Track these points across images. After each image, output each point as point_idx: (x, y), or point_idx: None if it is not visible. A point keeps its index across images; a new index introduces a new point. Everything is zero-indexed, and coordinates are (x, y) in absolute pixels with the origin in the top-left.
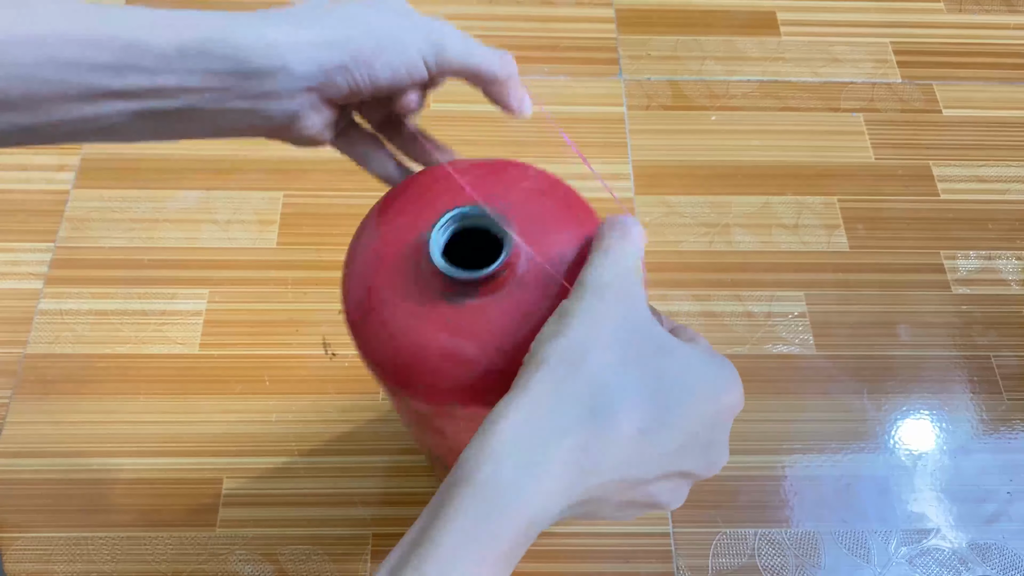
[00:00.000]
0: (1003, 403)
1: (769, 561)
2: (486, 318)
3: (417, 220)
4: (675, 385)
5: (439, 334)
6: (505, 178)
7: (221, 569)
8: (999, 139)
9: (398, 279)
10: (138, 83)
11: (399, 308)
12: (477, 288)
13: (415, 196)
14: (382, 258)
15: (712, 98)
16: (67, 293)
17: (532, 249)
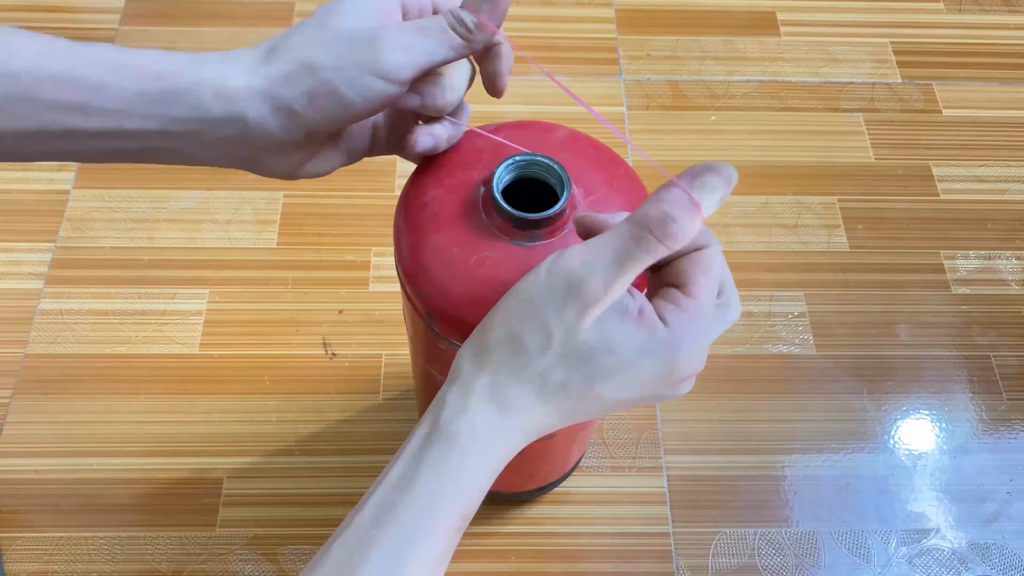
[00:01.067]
0: (1003, 403)
1: (769, 561)
2: (526, 257)
3: (463, 179)
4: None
5: (513, 274)
6: (535, 133)
7: (221, 569)
8: (999, 139)
9: (461, 229)
10: (102, 125)
11: (470, 254)
12: (542, 229)
13: (451, 162)
14: (438, 215)
15: (712, 98)
16: (67, 293)
17: (581, 190)
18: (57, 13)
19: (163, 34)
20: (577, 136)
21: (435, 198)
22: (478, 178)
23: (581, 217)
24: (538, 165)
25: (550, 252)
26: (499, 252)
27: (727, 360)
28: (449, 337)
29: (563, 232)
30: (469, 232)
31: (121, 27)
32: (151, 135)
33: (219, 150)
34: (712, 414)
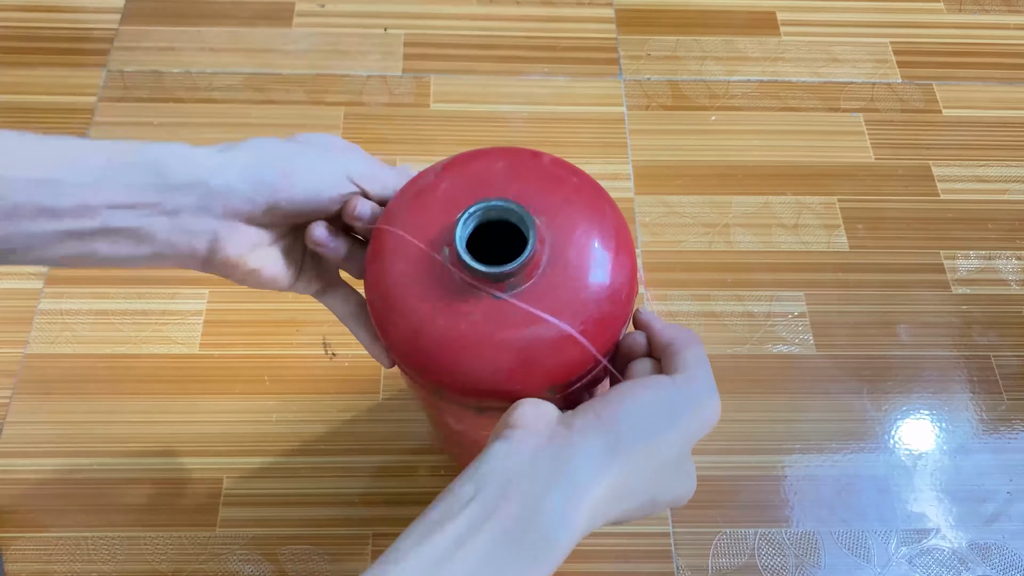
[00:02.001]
0: (1003, 403)
1: (769, 561)
2: (512, 310)
3: (425, 239)
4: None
5: (467, 327)
6: (479, 166)
7: (221, 569)
8: (999, 139)
9: (421, 275)
10: (66, 202)
11: (426, 304)
12: (522, 273)
13: (425, 199)
14: (404, 256)
15: (712, 98)
16: (67, 293)
17: (543, 218)
18: (57, 13)
19: (163, 34)
20: (519, 156)
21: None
22: (438, 238)
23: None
24: (496, 209)
25: (536, 294)
26: (483, 309)
27: (727, 360)
28: (461, 403)
29: (539, 270)
30: (448, 298)
31: (121, 27)
32: (113, 208)
33: (176, 226)
34: None
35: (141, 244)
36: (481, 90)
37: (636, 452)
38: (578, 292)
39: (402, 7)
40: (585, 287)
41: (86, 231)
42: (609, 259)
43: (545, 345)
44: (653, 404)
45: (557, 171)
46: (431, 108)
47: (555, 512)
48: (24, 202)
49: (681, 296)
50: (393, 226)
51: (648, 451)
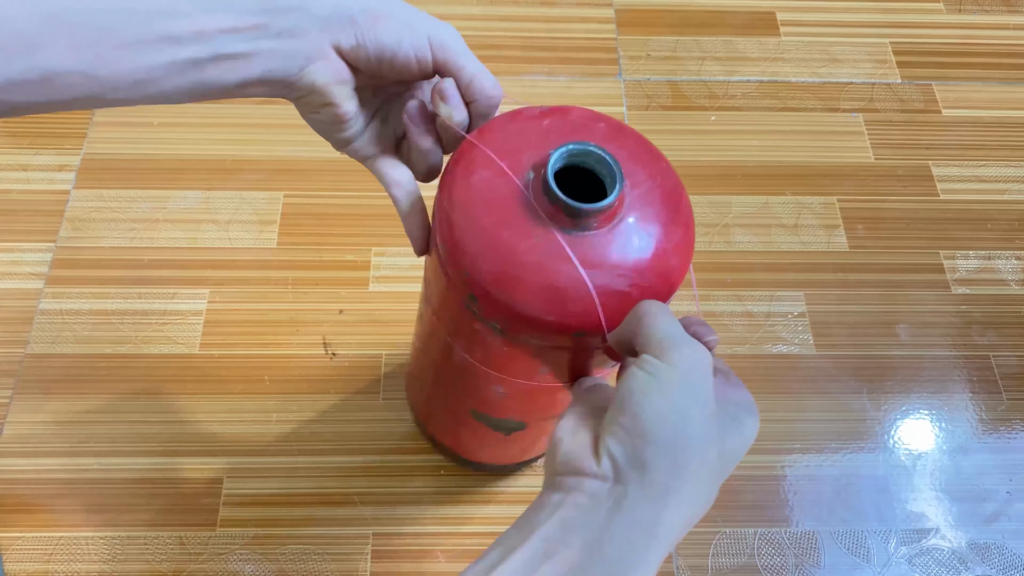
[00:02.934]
0: (1002, 403)
1: (769, 561)
2: (607, 246)
3: (511, 163)
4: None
5: (564, 265)
6: (579, 121)
7: (221, 569)
8: (999, 139)
9: (506, 220)
10: (186, 29)
11: (519, 246)
12: (592, 219)
13: (498, 146)
14: (483, 204)
15: (712, 98)
16: (67, 293)
17: (629, 182)
18: None
19: None
20: (621, 128)
21: (483, 179)
22: (527, 163)
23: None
24: (591, 156)
25: (596, 242)
26: (547, 239)
27: (727, 360)
28: (488, 319)
29: (611, 224)
30: (518, 217)
31: None
32: (224, 33)
33: (278, 49)
34: None
35: (249, 68)
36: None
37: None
38: (632, 257)
39: None
40: (642, 256)
41: (202, 58)
42: (673, 243)
43: (586, 292)
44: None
45: (652, 150)
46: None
47: (617, 555)
48: (150, 32)
49: (681, 296)
50: (485, 144)
51: (699, 482)
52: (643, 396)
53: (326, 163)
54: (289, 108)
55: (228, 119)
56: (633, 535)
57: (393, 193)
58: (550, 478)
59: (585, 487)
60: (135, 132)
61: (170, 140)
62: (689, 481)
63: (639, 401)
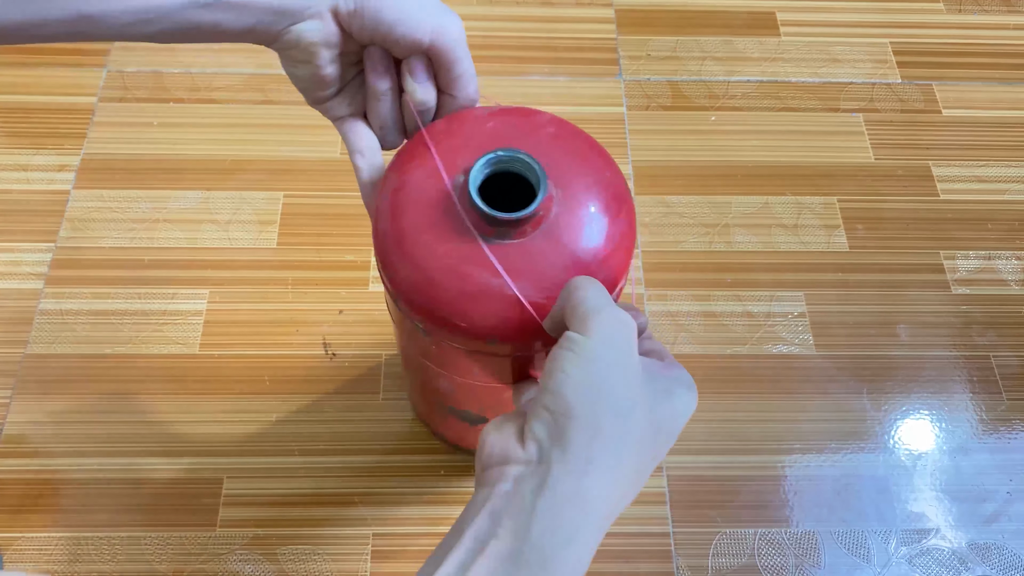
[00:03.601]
0: (1002, 403)
1: (769, 561)
2: (524, 256)
3: (446, 162)
4: (667, 427)
5: (480, 272)
6: (522, 123)
7: (221, 569)
8: (999, 139)
9: (432, 221)
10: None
11: (437, 249)
12: (515, 228)
13: (437, 144)
14: (414, 202)
15: (712, 98)
16: (67, 293)
17: (561, 191)
18: None
19: None
20: (571, 133)
21: (419, 176)
22: (461, 164)
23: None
24: (519, 162)
25: (519, 250)
26: (466, 245)
27: (727, 360)
28: (412, 318)
29: (534, 232)
30: (442, 219)
31: None
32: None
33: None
34: (712, 414)
35: (242, 17)
36: (481, 90)
37: (608, 454)
38: (557, 265)
39: None
40: (566, 266)
41: (199, 2)
42: (606, 251)
43: (499, 300)
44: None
45: (600, 154)
46: None
47: (546, 534)
48: None
49: (681, 296)
50: (434, 140)
51: (621, 448)
52: (562, 372)
53: (326, 163)
54: (289, 108)
55: (228, 119)
56: (560, 511)
57: (355, 161)
58: (479, 475)
59: (510, 474)
60: (135, 132)
61: (170, 140)
62: (612, 448)
63: (558, 378)
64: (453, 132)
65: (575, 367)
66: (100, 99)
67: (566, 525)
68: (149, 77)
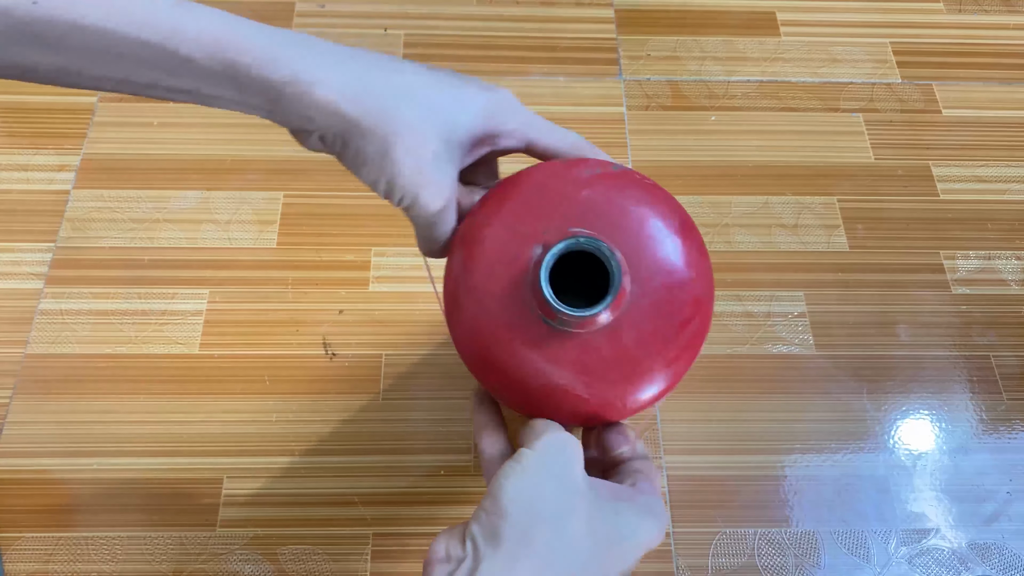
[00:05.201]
0: (1003, 403)
1: (768, 561)
2: (580, 348)
3: (530, 227)
4: (613, 545)
5: (532, 349)
6: (617, 197)
7: (221, 569)
8: (999, 139)
9: (506, 290)
10: (179, 84)
11: (505, 326)
12: (576, 324)
13: (525, 202)
14: (488, 253)
15: (712, 98)
16: (67, 293)
17: (638, 288)
18: None
19: None
20: (671, 212)
21: (497, 234)
22: (543, 233)
23: None
24: (598, 251)
25: (576, 342)
26: (528, 325)
27: (727, 360)
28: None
29: (594, 327)
30: (511, 289)
31: None
32: (222, 100)
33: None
34: (712, 414)
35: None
36: None
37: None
38: (611, 364)
39: (402, 7)
40: (622, 366)
41: (194, 99)
42: (663, 361)
43: (559, 392)
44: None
45: (696, 247)
46: None
47: None
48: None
49: None
50: (515, 196)
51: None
52: (504, 479)
53: (326, 163)
54: None
55: (228, 119)
56: None
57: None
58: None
59: (445, 571)
60: (135, 132)
61: (170, 140)
62: (541, 551)
63: (500, 484)
64: (525, 188)
65: (515, 476)
66: (100, 99)
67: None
68: None
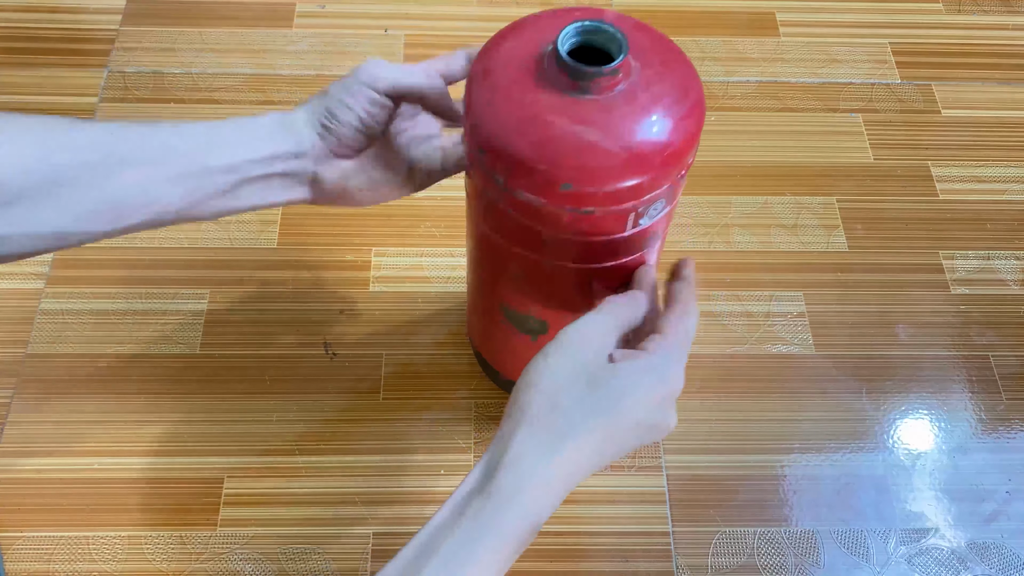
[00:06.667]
0: (1001, 403)
1: (768, 560)
2: (607, 109)
3: (540, 38)
4: (620, 398)
5: (565, 121)
6: (605, 16)
7: (221, 568)
8: (998, 139)
9: (524, 79)
10: (233, 159)
11: (524, 99)
12: (599, 83)
13: (529, 28)
14: (506, 66)
15: (712, 99)
16: (68, 293)
17: (638, 64)
18: (58, 14)
19: (164, 35)
20: (647, 27)
21: (508, 49)
22: (549, 38)
23: None
24: (602, 33)
25: (596, 105)
26: (552, 98)
27: (727, 360)
28: (493, 171)
29: (611, 92)
30: (529, 80)
31: (122, 27)
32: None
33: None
34: (712, 414)
35: (276, 190)
36: None
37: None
38: (628, 120)
39: (402, 8)
40: (637, 122)
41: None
42: (673, 119)
43: (574, 144)
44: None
45: (672, 47)
46: None
47: (510, 476)
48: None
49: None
50: (519, 29)
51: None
52: (529, 365)
53: None
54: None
55: None
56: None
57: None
58: None
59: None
60: None
61: None
62: (546, 416)
63: (525, 369)
64: (529, 23)
65: (534, 362)
66: (101, 99)
67: (510, 452)
68: (150, 77)
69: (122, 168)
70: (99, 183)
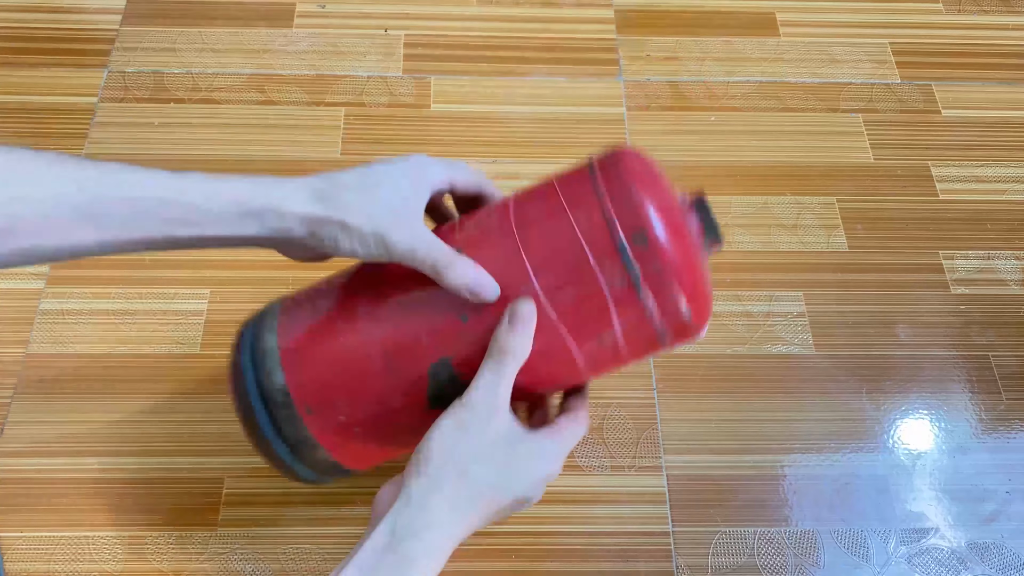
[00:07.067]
0: (1002, 403)
1: (768, 560)
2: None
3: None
4: (524, 475)
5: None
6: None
7: (221, 568)
8: (998, 139)
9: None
10: (197, 233)
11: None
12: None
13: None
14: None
15: (712, 99)
16: (68, 293)
17: None
18: (58, 13)
19: (164, 34)
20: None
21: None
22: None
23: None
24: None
25: None
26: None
27: (727, 360)
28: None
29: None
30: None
31: (122, 27)
32: (230, 239)
33: (267, 244)
34: (712, 414)
35: (245, 243)
36: (481, 91)
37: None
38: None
39: (402, 8)
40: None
41: (207, 239)
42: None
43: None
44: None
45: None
46: (431, 109)
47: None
48: (164, 230)
49: None
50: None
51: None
52: (433, 431)
53: (326, 163)
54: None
55: (228, 119)
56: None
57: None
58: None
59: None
60: (135, 132)
61: (170, 140)
62: (450, 485)
63: (428, 436)
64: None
65: (438, 428)
66: (101, 99)
67: (420, 518)
68: (150, 77)
69: (84, 226)
70: (56, 235)
